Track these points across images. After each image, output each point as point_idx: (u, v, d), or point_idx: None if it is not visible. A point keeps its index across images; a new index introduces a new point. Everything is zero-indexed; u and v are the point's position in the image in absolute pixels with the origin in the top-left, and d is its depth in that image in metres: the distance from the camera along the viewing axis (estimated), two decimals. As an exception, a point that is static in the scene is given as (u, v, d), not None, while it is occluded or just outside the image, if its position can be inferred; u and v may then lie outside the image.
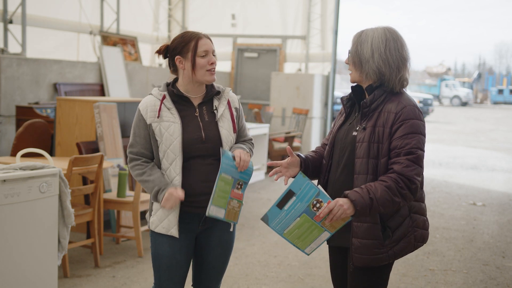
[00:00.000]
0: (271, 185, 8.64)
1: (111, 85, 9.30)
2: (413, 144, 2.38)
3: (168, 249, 2.66)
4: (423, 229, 2.53)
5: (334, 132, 2.62)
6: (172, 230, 2.64)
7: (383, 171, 2.41)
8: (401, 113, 2.41)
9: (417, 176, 2.37)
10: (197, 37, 2.63)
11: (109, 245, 5.28)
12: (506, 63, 69.87)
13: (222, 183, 2.57)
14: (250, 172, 2.65)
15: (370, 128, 2.45)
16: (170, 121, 2.61)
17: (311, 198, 2.35)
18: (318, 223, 2.37)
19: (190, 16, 12.84)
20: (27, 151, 4.02)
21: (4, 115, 7.45)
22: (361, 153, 2.44)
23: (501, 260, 5.28)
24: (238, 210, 2.64)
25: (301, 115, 10.69)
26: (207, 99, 2.70)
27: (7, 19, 8.27)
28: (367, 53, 2.46)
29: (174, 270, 2.69)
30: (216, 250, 2.76)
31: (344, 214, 2.31)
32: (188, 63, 2.63)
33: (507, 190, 8.89)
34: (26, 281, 3.51)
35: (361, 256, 2.44)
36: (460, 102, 39.95)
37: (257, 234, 5.86)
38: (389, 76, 2.46)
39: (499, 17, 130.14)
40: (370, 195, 2.32)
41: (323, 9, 11.92)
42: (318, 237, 2.41)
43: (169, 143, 2.59)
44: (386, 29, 2.50)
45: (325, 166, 2.62)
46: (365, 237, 2.42)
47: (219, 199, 2.58)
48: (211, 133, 2.65)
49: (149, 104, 2.65)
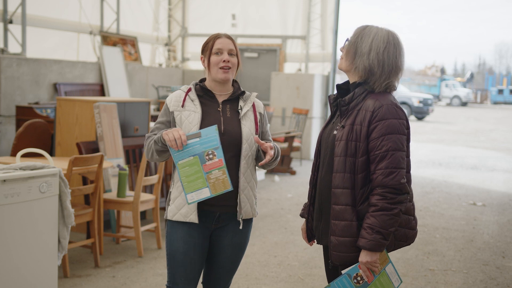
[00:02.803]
0: (271, 185, 8.64)
1: (111, 85, 9.31)
2: (389, 146, 2.39)
3: (183, 245, 2.69)
4: (407, 228, 2.54)
5: (321, 131, 2.67)
6: (191, 216, 2.66)
7: (361, 170, 2.42)
8: (378, 112, 2.41)
9: (399, 180, 2.38)
10: (216, 36, 2.75)
11: (109, 245, 5.28)
12: (506, 63, 69.90)
13: (186, 169, 2.58)
14: (212, 137, 2.58)
15: (348, 126, 2.46)
16: (191, 111, 2.70)
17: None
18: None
19: (190, 16, 12.84)
20: (27, 151, 4.02)
21: (4, 115, 7.45)
22: (339, 151, 2.46)
23: (501, 260, 5.28)
24: (225, 176, 2.59)
25: (301, 115, 10.70)
26: (233, 97, 2.77)
27: (7, 19, 8.27)
28: (365, 48, 2.47)
29: (189, 267, 2.72)
30: (227, 250, 2.78)
31: (376, 264, 2.42)
32: (206, 61, 2.74)
33: (507, 190, 8.89)
34: (26, 281, 3.51)
35: (338, 254, 2.47)
36: (460, 102, 39.95)
37: (257, 234, 5.86)
38: (378, 77, 2.47)
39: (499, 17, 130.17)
40: (375, 230, 2.37)
41: (323, 9, 11.92)
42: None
43: (187, 131, 2.65)
44: (390, 33, 2.51)
45: (314, 165, 2.66)
46: (342, 235, 2.45)
47: (192, 184, 2.58)
48: (231, 128, 2.69)
49: (174, 96, 2.76)
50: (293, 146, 9.83)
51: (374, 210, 2.38)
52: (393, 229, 2.40)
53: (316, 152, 2.65)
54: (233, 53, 2.73)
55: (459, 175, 10.13)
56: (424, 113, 25.89)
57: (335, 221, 2.46)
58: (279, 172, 9.66)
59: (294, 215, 6.69)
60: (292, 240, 5.67)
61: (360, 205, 2.44)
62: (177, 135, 2.54)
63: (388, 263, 2.52)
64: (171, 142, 2.54)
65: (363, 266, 2.42)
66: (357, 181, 2.43)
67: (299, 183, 8.86)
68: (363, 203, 2.44)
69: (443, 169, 10.81)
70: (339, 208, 2.45)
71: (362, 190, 2.44)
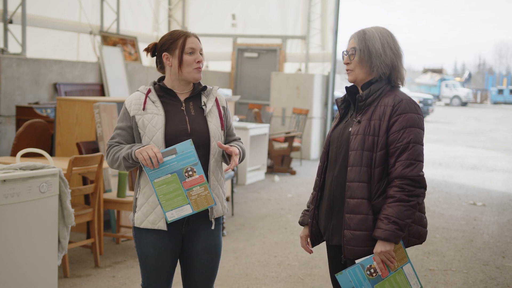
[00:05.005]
0: (271, 185, 8.64)
1: (111, 85, 9.30)
2: (410, 139, 2.40)
3: (153, 250, 2.63)
4: (419, 225, 2.54)
5: (329, 133, 2.65)
6: (159, 224, 2.59)
7: (378, 164, 2.43)
8: (398, 106, 2.44)
9: (418, 172, 2.40)
10: (185, 35, 2.64)
11: (109, 245, 5.28)
12: (506, 63, 69.91)
13: (163, 187, 2.52)
14: (189, 153, 2.51)
15: (365, 121, 2.47)
16: (153, 113, 2.60)
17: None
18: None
19: (190, 16, 12.84)
20: (27, 151, 4.02)
21: (4, 115, 7.45)
22: (355, 145, 2.46)
23: (501, 260, 5.28)
24: (207, 192, 2.54)
25: (301, 115, 10.70)
26: (194, 94, 2.69)
27: (7, 19, 8.27)
28: (378, 48, 2.49)
29: (161, 270, 2.67)
30: (202, 256, 2.69)
31: (391, 256, 2.39)
32: (175, 60, 2.63)
33: (507, 190, 8.89)
34: (26, 281, 3.51)
35: (353, 248, 2.46)
36: (460, 102, 39.95)
37: (257, 234, 5.86)
38: (399, 69, 2.52)
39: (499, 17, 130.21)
40: (391, 220, 2.36)
41: (323, 9, 11.92)
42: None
43: (152, 135, 2.57)
44: (384, 28, 2.57)
45: (320, 168, 2.65)
46: (357, 229, 2.44)
47: (171, 202, 2.52)
48: (198, 127, 2.62)
49: (134, 98, 2.66)
50: (293, 146, 9.83)
51: (392, 201, 2.38)
52: (409, 220, 2.38)
53: (324, 154, 2.63)
54: (202, 53, 2.66)
55: (459, 175, 10.13)
56: (424, 113, 25.91)
57: (350, 214, 2.45)
58: (279, 172, 9.66)
59: (294, 215, 6.69)
60: (292, 240, 5.67)
61: (376, 199, 2.44)
62: (152, 154, 2.46)
63: (407, 263, 2.47)
64: (146, 161, 2.47)
65: (377, 257, 2.40)
66: (374, 175, 2.43)
67: (299, 183, 8.86)
68: (379, 197, 2.44)
69: (443, 169, 10.81)
70: (355, 202, 2.44)
71: (379, 184, 2.44)
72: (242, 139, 2.90)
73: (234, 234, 5.80)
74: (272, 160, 9.66)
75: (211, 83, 11.65)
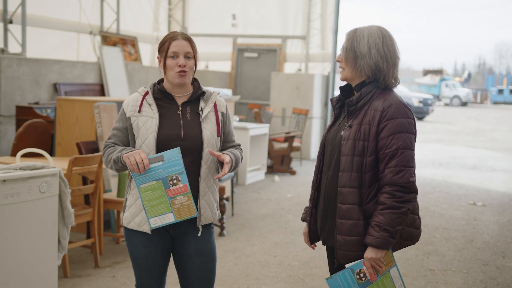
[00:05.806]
0: (271, 185, 8.64)
1: (111, 85, 9.30)
2: (399, 145, 2.39)
3: (143, 250, 2.64)
4: (412, 227, 2.54)
5: (325, 133, 2.66)
6: (144, 226, 2.60)
7: (369, 170, 2.43)
8: (387, 111, 2.42)
9: (408, 178, 2.39)
10: (172, 38, 2.60)
11: (109, 245, 5.29)
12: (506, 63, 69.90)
13: (148, 193, 2.53)
14: (176, 161, 2.51)
15: (356, 126, 2.46)
16: (148, 116, 2.59)
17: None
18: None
19: (190, 16, 12.84)
20: (27, 151, 4.02)
21: (4, 115, 7.45)
22: (346, 150, 2.46)
23: (501, 260, 5.28)
24: (190, 202, 2.54)
25: (301, 115, 10.70)
26: (193, 99, 2.66)
27: (7, 19, 8.27)
28: (364, 48, 2.46)
29: (153, 270, 2.68)
30: (195, 259, 2.67)
31: (380, 262, 2.43)
32: (162, 63, 2.63)
33: (507, 190, 8.88)
34: (26, 281, 3.51)
35: (345, 253, 2.48)
36: (460, 102, 39.94)
37: (257, 234, 5.86)
38: (386, 72, 2.48)
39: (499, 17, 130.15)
40: (382, 227, 2.37)
41: (323, 9, 11.92)
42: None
43: (145, 138, 2.57)
44: (380, 27, 2.53)
45: (317, 168, 2.65)
46: (348, 234, 2.45)
47: (155, 209, 2.53)
48: (191, 132, 2.59)
49: (131, 100, 2.65)
50: (293, 146, 9.83)
51: (382, 208, 2.39)
52: (400, 227, 2.40)
53: (320, 154, 2.64)
54: (189, 56, 2.59)
55: (459, 175, 10.13)
56: (424, 113, 25.90)
57: (342, 220, 2.46)
58: (279, 172, 9.66)
59: (294, 215, 6.69)
60: (292, 240, 5.67)
61: (366, 204, 2.44)
62: (139, 159, 2.47)
63: (393, 266, 2.51)
64: (133, 166, 2.48)
65: (367, 263, 2.43)
66: (364, 181, 2.43)
67: (299, 183, 8.86)
68: (369, 202, 2.44)
69: (443, 169, 10.80)
70: (346, 207, 2.45)
71: (369, 189, 2.44)
72: (242, 139, 2.89)
73: (234, 234, 5.80)
74: (272, 160, 9.66)
75: (211, 83, 11.66)
